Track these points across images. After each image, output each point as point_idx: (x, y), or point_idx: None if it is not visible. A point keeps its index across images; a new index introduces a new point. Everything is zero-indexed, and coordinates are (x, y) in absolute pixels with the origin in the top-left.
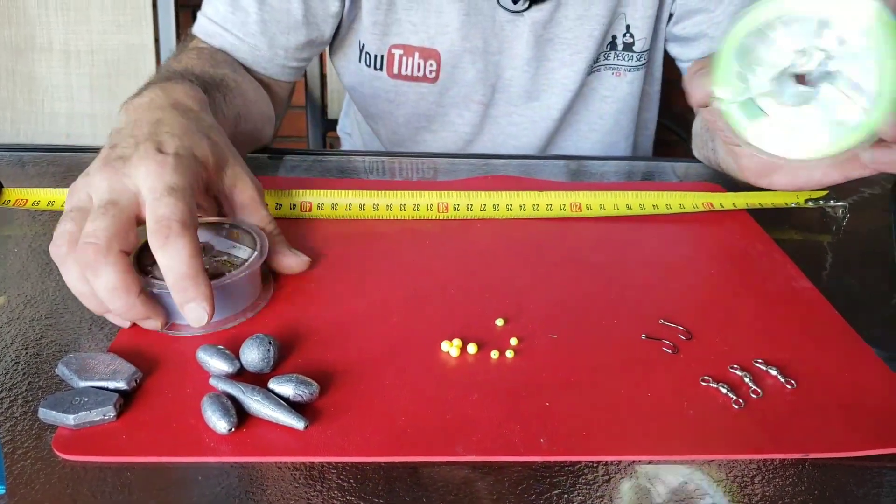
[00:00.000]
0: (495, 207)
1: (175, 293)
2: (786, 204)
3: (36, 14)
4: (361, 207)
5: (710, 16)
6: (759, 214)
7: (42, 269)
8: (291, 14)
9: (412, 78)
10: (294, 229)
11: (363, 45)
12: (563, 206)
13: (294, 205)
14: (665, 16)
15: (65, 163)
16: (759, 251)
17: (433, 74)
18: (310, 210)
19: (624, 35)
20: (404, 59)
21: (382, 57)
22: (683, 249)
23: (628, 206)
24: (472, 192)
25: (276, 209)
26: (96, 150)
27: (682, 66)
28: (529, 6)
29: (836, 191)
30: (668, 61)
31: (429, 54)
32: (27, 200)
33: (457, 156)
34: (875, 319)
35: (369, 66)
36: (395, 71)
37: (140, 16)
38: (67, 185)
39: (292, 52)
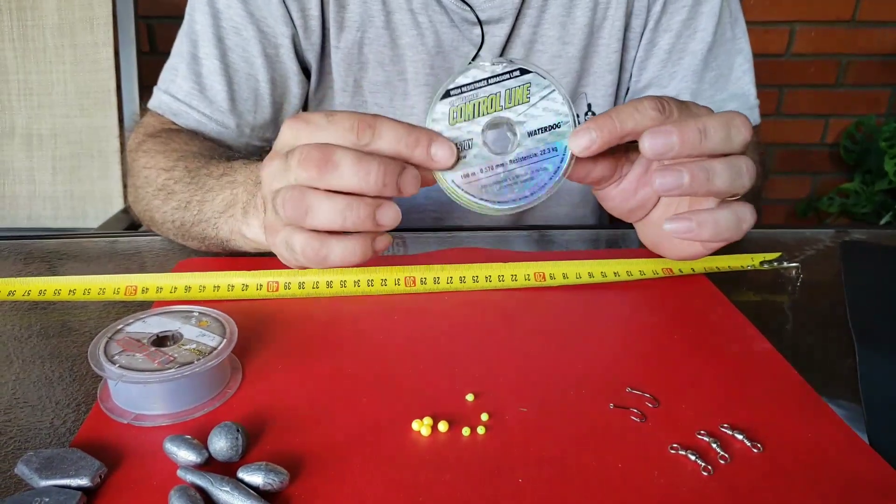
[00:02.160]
0: (462, 280)
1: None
2: (742, 267)
3: None
4: (329, 285)
5: (664, 90)
6: (718, 278)
7: (0, 362)
8: (259, 92)
9: None
10: (262, 311)
11: None
12: (527, 277)
13: (261, 285)
14: (623, 92)
15: (26, 249)
16: (719, 314)
17: None
18: (277, 290)
19: (586, 114)
20: None
21: None
22: (646, 315)
23: (590, 275)
24: (439, 265)
25: (242, 290)
26: (58, 233)
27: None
28: None
29: (788, 251)
30: None
31: None
32: None
33: (422, 229)
34: (834, 378)
35: None
36: None
37: (104, 99)
38: (29, 273)
39: (258, 130)
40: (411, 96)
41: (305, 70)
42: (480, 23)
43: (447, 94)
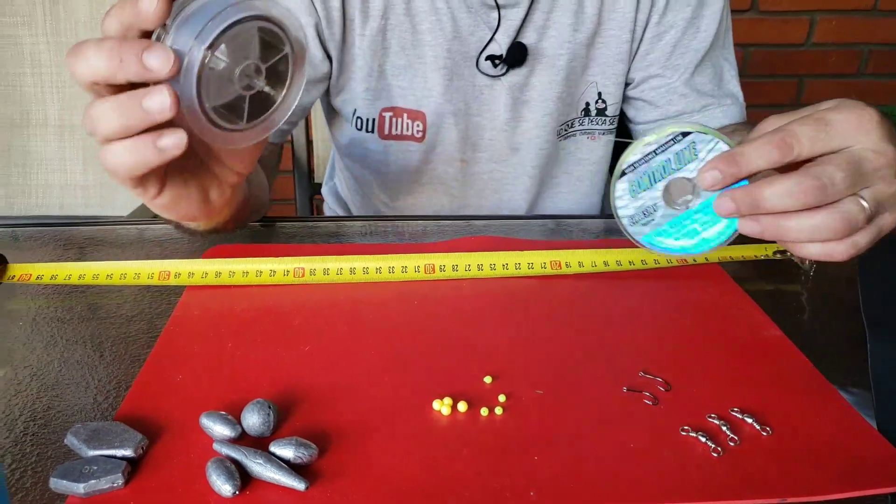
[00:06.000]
0: (479, 267)
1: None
2: (755, 256)
3: (32, 92)
4: (352, 271)
5: (667, 81)
6: (730, 267)
7: (47, 342)
8: None
9: (401, 137)
10: (289, 295)
11: (355, 110)
12: (543, 265)
13: (287, 271)
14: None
15: (63, 236)
16: (732, 302)
17: (420, 134)
18: (303, 276)
19: (596, 101)
20: (394, 120)
21: (374, 120)
22: (659, 303)
23: (605, 263)
24: (457, 253)
25: (270, 276)
26: (90, 221)
27: (635, 128)
28: (506, 71)
29: None
30: None
31: (416, 115)
32: (31, 275)
33: (440, 217)
34: (843, 365)
35: (360, 129)
36: (386, 132)
37: None
38: (66, 258)
39: None
40: (429, 79)
41: (328, 57)
42: (498, 7)
43: (623, 174)
